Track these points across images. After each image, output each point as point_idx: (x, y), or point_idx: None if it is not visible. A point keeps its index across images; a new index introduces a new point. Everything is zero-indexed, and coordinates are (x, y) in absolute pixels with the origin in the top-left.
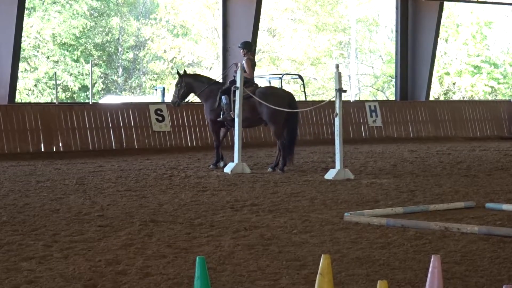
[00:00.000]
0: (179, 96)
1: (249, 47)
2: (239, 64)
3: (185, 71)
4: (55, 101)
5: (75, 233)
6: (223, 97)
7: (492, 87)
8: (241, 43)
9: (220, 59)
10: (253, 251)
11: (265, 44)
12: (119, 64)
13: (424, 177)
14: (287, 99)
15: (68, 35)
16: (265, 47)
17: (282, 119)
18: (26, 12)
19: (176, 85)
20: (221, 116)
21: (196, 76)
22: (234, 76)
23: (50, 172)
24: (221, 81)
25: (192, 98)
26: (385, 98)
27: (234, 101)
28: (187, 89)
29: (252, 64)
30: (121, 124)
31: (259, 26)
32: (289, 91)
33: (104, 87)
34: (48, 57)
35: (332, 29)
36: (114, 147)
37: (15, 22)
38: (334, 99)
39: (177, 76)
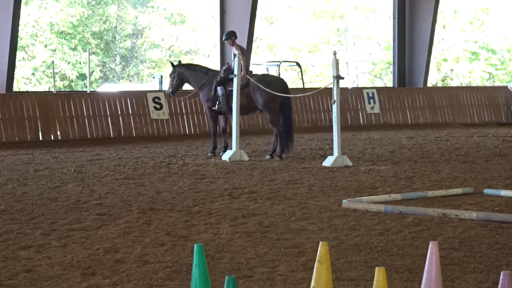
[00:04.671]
0: (172, 86)
1: (235, 35)
2: (232, 54)
3: (180, 62)
4: (52, 89)
5: (73, 222)
6: (218, 88)
7: (489, 73)
8: (225, 35)
9: (218, 46)
10: (251, 238)
11: (263, 32)
12: (116, 52)
13: (422, 163)
14: (280, 86)
15: (65, 23)
16: (262, 34)
17: (277, 106)
18: (23, 0)
19: (170, 75)
20: (216, 106)
21: (189, 66)
22: (228, 64)
23: (48, 160)
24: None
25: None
26: (383, 85)
27: (230, 90)
28: (180, 79)
29: (242, 51)
30: (119, 112)
31: (257, 13)
32: (282, 77)
33: (102, 75)
34: (45, 46)
35: (329, 16)
36: (112, 135)
37: (13, 11)
38: (331, 85)
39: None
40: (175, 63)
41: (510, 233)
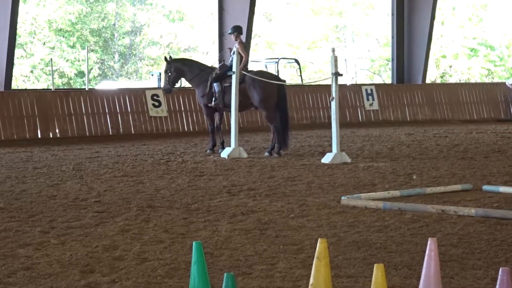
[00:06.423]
0: (170, 83)
1: (240, 31)
2: (234, 49)
3: (170, 57)
4: (51, 87)
5: (72, 219)
6: (214, 84)
7: (488, 69)
8: (231, 28)
9: (216, 44)
10: (250, 235)
11: (261, 28)
12: (115, 50)
13: (421, 160)
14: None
15: (64, 21)
16: (261, 31)
17: (273, 103)
18: None
19: (165, 72)
20: (213, 102)
21: (184, 61)
22: (224, 61)
23: (47, 158)
24: (216, 65)
25: (184, 83)
26: (381, 82)
27: (225, 87)
28: (177, 74)
29: (245, 48)
30: (118, 110)
31: (255, 10)
32: (276, 74)
33: (101, 72)
34: (44, 43)
35: (328, 12)
36: (110, 133)
37: (11, 9)
38: (329, 81)
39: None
40: (169, 59)
41: (509, 229)
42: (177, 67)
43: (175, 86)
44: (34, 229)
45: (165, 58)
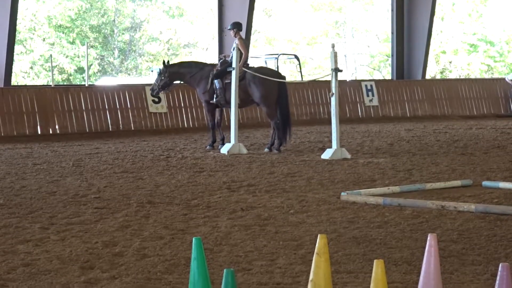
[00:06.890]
0: (159, 86)
1: (240, 27)
2: (234, 45)
3: (168, 61)
4: (51, 83)
5: (72, 215)
6: (215, 81)
7: (488, 65)
8: (230, 24)
9: (216, 40)
10: (250, 231)
11: (261, 25)
12: (115, 46)
13: (421, 156)
14: (277, 78)
15: (63, 17)
16: (261, 27)
17: (273, 99)
18: None
19: (159, 74)
20: (214, 99)
21: (181, 64)
22: (225, 57)
23: (47, 154)
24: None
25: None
26: (381, 77)
27: (226, 83)
28: (171, 79)
29: (245, 44)
30: (118, 106)
31: (255, 6)
32: (277, 70)
33: (100, 68)
34: (43, 40)
35: (328, 8)
36: (110, 129)
37: (10, 5)
38: (329, 78)
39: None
40: (166, 63)
41: (509, 225)
42: (174, 71)
43: (173, 84)
44: (34, 225)
45: (163, 62)
